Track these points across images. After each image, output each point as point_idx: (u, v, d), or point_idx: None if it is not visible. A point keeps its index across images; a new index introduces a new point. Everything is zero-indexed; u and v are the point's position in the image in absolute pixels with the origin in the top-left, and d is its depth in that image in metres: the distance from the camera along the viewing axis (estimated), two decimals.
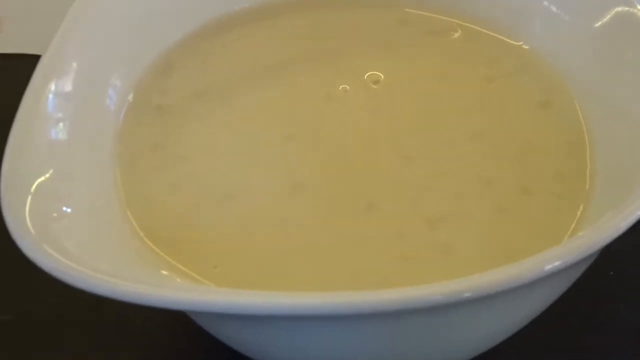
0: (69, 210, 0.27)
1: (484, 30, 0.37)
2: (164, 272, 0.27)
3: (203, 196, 0.31)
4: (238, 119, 0.34)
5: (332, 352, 0.26)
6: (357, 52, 0.36)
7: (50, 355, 0.33)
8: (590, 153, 0.31)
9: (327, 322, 0.24)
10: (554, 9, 0.35)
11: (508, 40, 0.36)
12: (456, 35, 0.37)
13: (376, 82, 0.35)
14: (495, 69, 0.35)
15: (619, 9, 0.32)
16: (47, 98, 0.29)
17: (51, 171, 0.27)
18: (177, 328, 0.33)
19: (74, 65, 0.31)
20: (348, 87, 0.34)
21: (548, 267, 0.23)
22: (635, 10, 0.31)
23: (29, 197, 0.26)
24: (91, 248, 0.26)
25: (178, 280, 0.27)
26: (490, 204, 0.30)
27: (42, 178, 0.27)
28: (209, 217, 0.30)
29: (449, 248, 0.28)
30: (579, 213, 0.29)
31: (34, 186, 0.26)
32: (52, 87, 0.29)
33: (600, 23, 0.33)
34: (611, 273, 0.34)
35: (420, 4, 0.38)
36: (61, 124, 0.29)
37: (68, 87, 0.30)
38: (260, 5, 0.38)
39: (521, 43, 0.36)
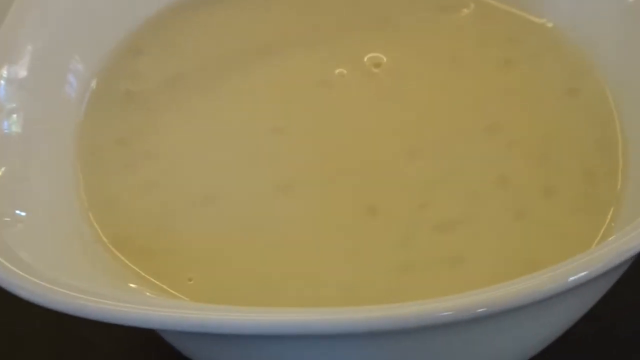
0: (23, 214, 0.27)
1: (501, 6, 0.37)
2: (132, 285, 0.28)
3: (177, 198, 0.31)
4: (218, 109, 0.34)
5: None
6: (356, 31, 0.37)
7: None
8: (622, 148, 0.31)
9: (318, 341, 0.24)
10: None
11: (529, 17, 0.36)
12: (469, 11, 0.37)
13: (378, 65, 0.35)
14: (515, 50, 0.35)
15: None
16: None
17: (3, 169, 0.27)
18: (149, 349, 0.33)
19: (29, 47, 0.31)
20: (345, 72, 0.35)
21: (572, 278, 0.23)
22: None
23: None
24: (49, 257, 0.26)
25: (148, 294, 0.27)
26: (508, 207, 0.30)
27: None
28: (184, 222, 0.30)
29: (460, 258, 0.29)
30: (609, 216, 0.29)
31: None
32: (4, 73, 0.30)
33: None
34: None
35: None
36: (14, 115, 0.29)
37: (22, 72, 0.30)
38: None
39: (544, 20, 0.36)
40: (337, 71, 0.35)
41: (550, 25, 0.36)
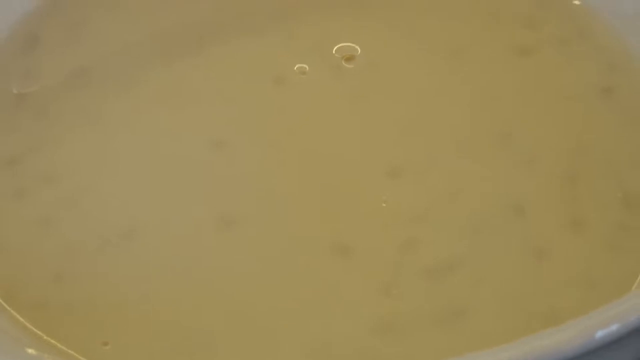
0: None
1: None
2: (30, 351, 0.28)
3: (87, 235, 0.32)
4: (137, 115, 0.35)
5: None
6: (320, 13, 0.37)
7: None
8: None
9: None
10: None
11: None
12: None
13: (350, 58, 0.36)
14: (532, 36, 0.36)
15: None
16: None
17: None
18: None
19: None
20: (307, 67, 0.35)
21: (601, 333, 0.24)
22: None
23: None
24: None
25: None
26: (524, 243, 0.31)
27: None
28: (95, 266, 0.31)
29: (458, 311, 0.29)
30: None
31: None
32: None
33: None
34: None
35: None
36: None
37: None
38: None
39: None
40: (296, 66, 0.35)
41: (578, 2, 0.37)
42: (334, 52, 0.36)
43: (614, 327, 0.24)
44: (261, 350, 0.29)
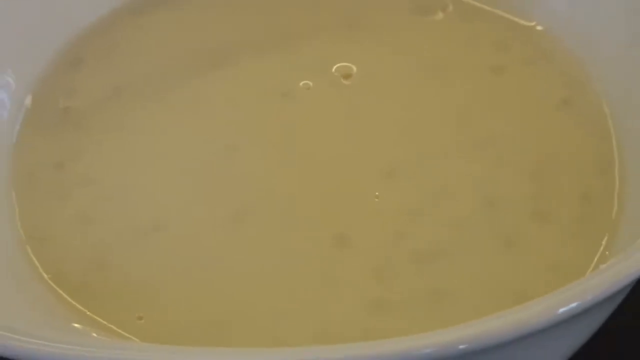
0: None
1: (485, 7, 0.38)
2: (77, 326, 0.28)
3: (122, 228, 0.32)
4: (164, 126, 0.35)
5: None
6: (322, 37, 0.37)
7: None
8: (619, 168, 0.32)
9: None
10: None
11: (516, 19, 0.37)
12: (449, 13, 0.38)
13: (347, 76, 0.36)
14: (502, 57, 0.36)
15: None
16: None
17: None
18: None
19: None
20: (311, 83, 0.35)
21: (563, 310, 0.24)
22: None
23: None
24: None
25: (94, 335, 0.28)
26: (497, 233, 0.31)
27: None
28: (130, 254, 0.31)
29: (442, 292, 0.30)
30: (604, 242, 0.30)
31: None
32: None
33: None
34: None
35: None
36: None
37: None
38: None
39: (534, 23, 0.37)
40: (301, 83, 0.35)
41: (540, 28, 0.37)
42: (333, 70, 0.36)
43: (573, 305, 0.24)
44: (269, 327, 0.29)
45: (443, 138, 0.34)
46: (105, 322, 0.29)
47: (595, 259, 0.30)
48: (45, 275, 0.30)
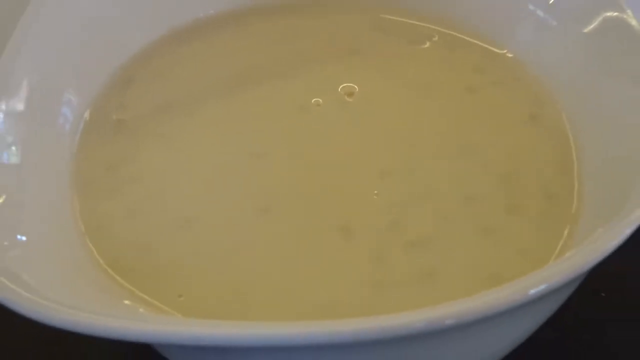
0: (23, 238, 0.27)
1: (465, 38, 0.38)
2: (127, 302, 0.28)
3: (164, 220, 0.31)
4: (201, 135, 0.34)
5: None
6: (331, 62, 0.37)
7: None
8: (577, 171, 0.32)
9: (297, 352, 0.25)
10: (540, 13, 0.36)
11: (491, 48, 0.37)
12: (435, 42, 0.38)
13: (351, 94, 0.36)
14: (478, 79, 0.36)
15: (608, 13, 0.33)
16: None
17: (3, 197, 0.28)
18: None
19: (25, 82, 0.31)
20: (321, 100, 0.35)
21: (533, 291, 0.23)
22: (625, 16, 0.33)
23: None
24: (48, 278, 0.26)
25: (141, 310, 0.28)
26: (475, 224, 0.31)
27: None
28: (170, 242, 0.31)
29: (431, 273, 0.29)
30: (565, 233, 0.30)
31: None
32: (3, 106, 0.30)
33: (589, 29, 0.34)
34: (602, 294, 0.35)
35: (396, 10, 0.39)
36: (13, 147, 0.30)
37: (20, 106, 0.31)
38: (226, 12, 0.39)
39: (505, 51, 0.37)
40: (313, 100, 0.35)
41: (510, 55, 0.36)
42: (339, 90, 0.36)
43: (542, 287, 0.24)
44: (285, 305, 0.29)
45: (429, 145, 0.34)
46: (150, 299, 0.29)
47: (559, 247, 0.30)
48: (101, 261, 0.30)
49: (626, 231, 0.25)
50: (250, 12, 0.39)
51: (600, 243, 0.25)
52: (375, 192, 0.32)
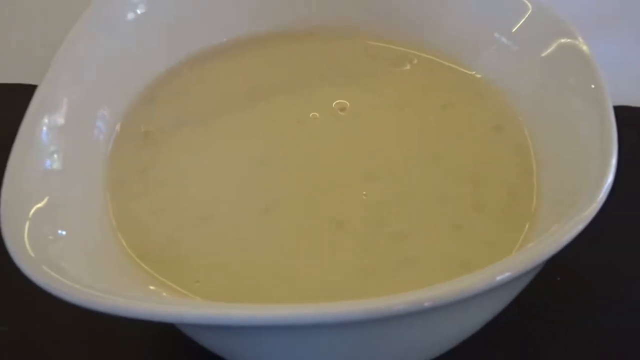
0: (63, 233, 0.27)
1: (440, 61, 0.37)
2: (152, 288, 0.28)
3: (185, 216, 0.31)
4: (216, 144, 0.34)
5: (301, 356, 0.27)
6: (326, 82, 0.37)
7: None
8: (536, 174, 0.32)
9: (294, 331, 0.25)
10: (504, 40, 0.36)
11: (462, 70, 0.37)
12: (415, 65, 0.38)
13: (343, 109, 0.35)
14: (451, 96, 0.36)
15: (563, 40, 0.33)
16: (41, 131, 0.30)
17: (47, 198, 0.28)
18: (170, 340, 0.33)
19: (65, 100, 0.31)
20: (317, 115, 0.35)
21: (499, 277, 0.24)
22: (577, 42, 0.33)
23: (27, 222, 0.26)
24: (85, 267, 0.26)
25: (164, 294, 0.28)
26: (448, 220, 0.31)
27: (39, 205, 0.27)
28: (189, 236, 0.31)
29: (410, 261, 0.29)
30: (526, 228, 0.30)
31: (31, 212, 0.27)
32: (45, 121, 0.30)
33: (546, 53, 0.34)
34: (558, 279, 0.35)
35: (381, 37, 0.39)
36: (55, 155, 0.30)
37: (60, 120, 0.31)
38: (237, 40, 0.39)
39: (474, 72, 0.37)
40: (311, 114, 0.35)
41: (479, 76, 0.36)
42: (333, 105, 0.36)
43: (507, 274, 0.24)
44: (290, 285, 0.29)
45: (409, 153, 0.34)
46: (171, 284, 0.29)
47: (520, 240, 0.30)
48: (130, 252, 0.30)
49: (579, 227, 0.25)
50: (259, 39, 0.39)
51: (557, 236, 0.25)
52: (364, 192, 0.32)
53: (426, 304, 0.23)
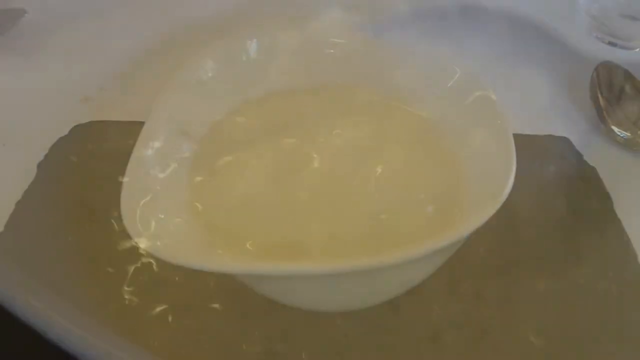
0: (162, 216, 0.28)
1: (397, 104, 0.36)
2: (219, 252, 0.29)
3: (238, 202, 0.31)
4: (255, 161, 0.33)
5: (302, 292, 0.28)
6: (328, 117, 0.35)
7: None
8: (460, 185, 0.32)
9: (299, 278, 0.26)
10: (442, 92, 0.35)
11: (413, 110, 0.36)
12: (384, 107, 0.36)
13: (339, 136, 0.34)
14: (401, 131, 0.35)
15: (478, 92, 0.33)
16: (146, 151, 0.30)
17: (151, 195, 0.29)
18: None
19: (161, 131, 0.32)
20: (321, 140, 0.34)
21: (441, 244, 0.25)
22: (488, 93, 0.33)
23: (138, 210, 0.28)
24: (176, 238, 0.28)
25: (227, 256, 0.29)
26: (411, 213, 0.31)
27: (146, 199, 0.28)
28: (242, 213, 0.31)
29: (392, 236, 0.29)
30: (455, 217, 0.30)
31: (141, 203, 0.28)
32: (150, 144, 0.30)
33: (468, 101, 0.34)
34: (480, 249, 0.34)
35: (356, 85, 0.37)
36: (157, 166, 0.31)
37: (157, 145, 0.31)
38: (261, 96, 0.36)
39: (421, 112, 0.36)
40: (315, 140, 0.34)
41: (424, 114, 0.35)
42: (332, 134, 0.35)
43: (446, 242, 0.25)
44: (310, 243, 0.29)
45: (383, 172, 0.33)
46: (231, 248, 0.29)
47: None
48: (204, 228, 0.30)
49: (482, 220, 0.26)
50: (275, 95, 0.37)
51: (473, 220, 0.26)
52: (357, 198, 0.31)
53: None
